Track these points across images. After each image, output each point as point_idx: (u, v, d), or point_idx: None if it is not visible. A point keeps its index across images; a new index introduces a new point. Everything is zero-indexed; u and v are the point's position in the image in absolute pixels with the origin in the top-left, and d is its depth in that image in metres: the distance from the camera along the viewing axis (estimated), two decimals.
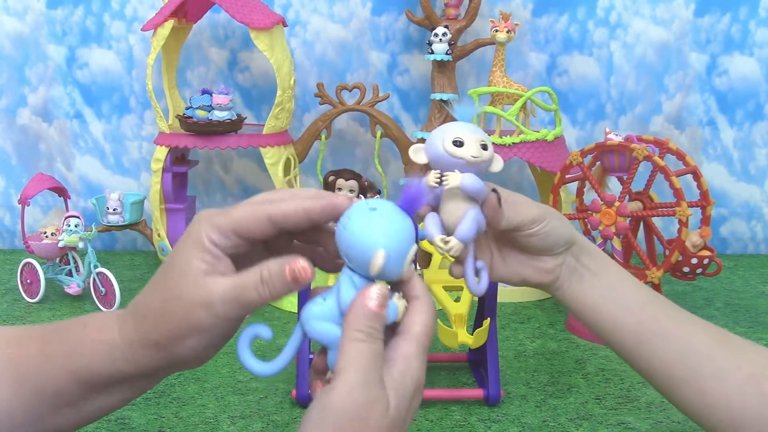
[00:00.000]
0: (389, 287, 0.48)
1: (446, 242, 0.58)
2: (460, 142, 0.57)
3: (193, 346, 0.49)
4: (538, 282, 0.65)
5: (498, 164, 0.60)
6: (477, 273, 0.61)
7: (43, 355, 0.52)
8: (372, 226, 0.46)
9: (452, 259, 0.61)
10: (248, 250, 0.50)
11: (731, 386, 0.60)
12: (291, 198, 0.49)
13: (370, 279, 0.48)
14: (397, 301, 0.48)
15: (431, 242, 0.60)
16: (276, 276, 0.47)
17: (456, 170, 0.58)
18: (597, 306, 0.64)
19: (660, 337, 0.62)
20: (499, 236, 0.65)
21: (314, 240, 0.53)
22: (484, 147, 0.58)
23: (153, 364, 0.51)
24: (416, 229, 0.49)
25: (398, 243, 0.47)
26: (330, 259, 0.53)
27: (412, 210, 0.48)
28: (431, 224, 0.60)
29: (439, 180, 0.58)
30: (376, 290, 0.47)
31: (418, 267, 0.89)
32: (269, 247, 0.53)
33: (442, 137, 0.58)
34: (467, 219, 0.59)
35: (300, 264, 0.47)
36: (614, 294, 0.64)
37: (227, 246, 0.49)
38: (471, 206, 0.59)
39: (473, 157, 0.57)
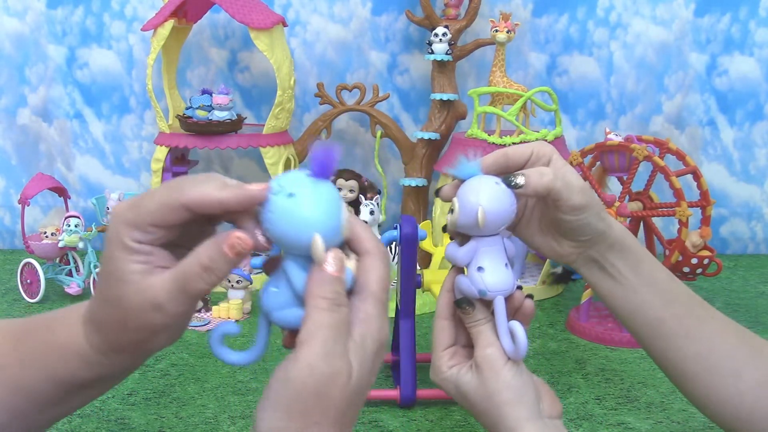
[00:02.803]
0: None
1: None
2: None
3: (159, 343, 0.49)
4: (548, 256, 0.65)
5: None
6: (512, 335, 0.58)
7: (18, 358, 0.52)
8: (297, 216, 0.45)
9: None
10: (180, 233, 0.48)
11: (746, 386, 0.60)
12: (206, 182, 0.46)
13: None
14: (349, 264, 0.47)
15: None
16: (217, 258, 0.45)
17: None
18: (615, 298, 0.64)
19: (679, 336, 0.62)
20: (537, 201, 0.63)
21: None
22: (451, 211, 0.58)
23: (127, 363, 0.51)
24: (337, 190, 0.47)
25: (327, 218, 0.45)
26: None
27: (327, 174, 0.46)
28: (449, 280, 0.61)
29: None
30: (332, 255, 0.46)
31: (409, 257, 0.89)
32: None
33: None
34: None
35: (235, 236, 0.45)
36: (637, 294, 0.63)
37: (152, 239, 0.46)
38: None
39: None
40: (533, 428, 0.56)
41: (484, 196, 0.56)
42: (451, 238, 0.61)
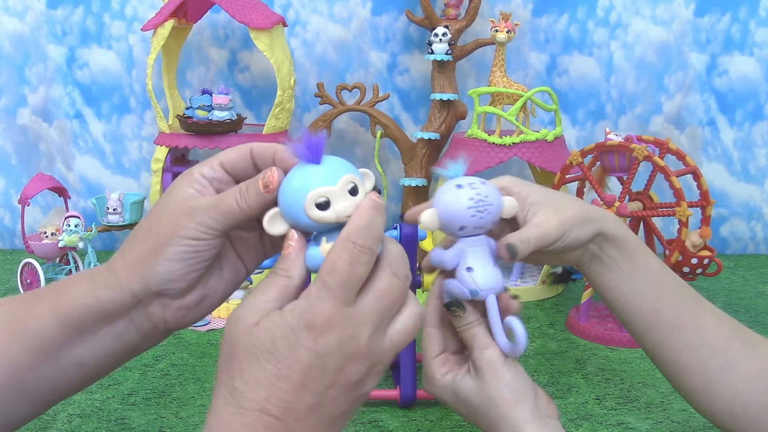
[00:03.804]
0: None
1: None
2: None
3: (172, 257, 0.50)
4: (558, 264, 0.66)
5: (509, 209, 0.59)
6: (509, 332, 0.58)
7: (33, 297, 0.54)
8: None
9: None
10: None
11: (739, 379, 0.60)
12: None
13: (312, 234, 0.48)
14: (322, 247, 0.47)
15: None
16: (252, 186, 0.49)
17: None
18: (611, 289, 0.64)
19: (672, 327, 0.62)
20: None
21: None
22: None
23: (132, 286, 0.51)
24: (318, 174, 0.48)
25: (284, 203, 0.47)
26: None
27: (318, 158, 0.48)
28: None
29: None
30: (288, 235, 0.48)
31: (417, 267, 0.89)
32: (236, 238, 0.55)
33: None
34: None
35: (270, 171, 0.49)
36: (632, 282, 0.63)
37: (214, 178, 0.51)
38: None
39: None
40: (536, 428, 0.56)
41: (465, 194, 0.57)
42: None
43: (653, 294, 0.63)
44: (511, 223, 0.62)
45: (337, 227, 0.47)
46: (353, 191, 0.47)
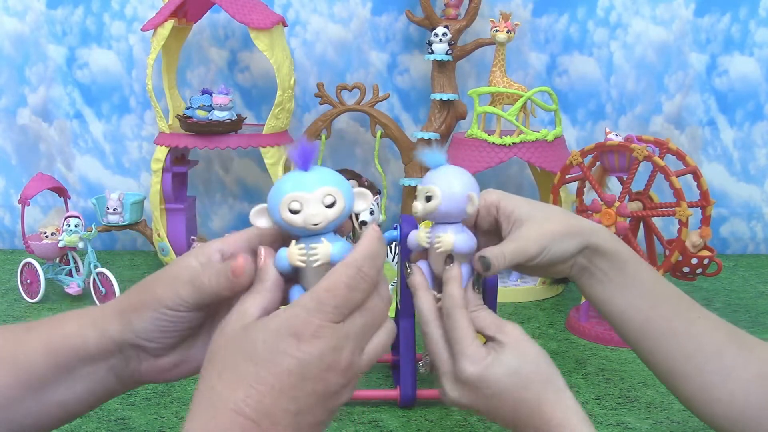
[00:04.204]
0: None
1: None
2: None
3: (147, 319, 0.52)
4: (549, 276, 0.66)
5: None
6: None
7: (25, 330, 0.55)
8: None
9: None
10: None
11: (736, 384, 0.60)
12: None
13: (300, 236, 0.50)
14: (290, 248, 0.49)
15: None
16: (224, 269, 0.50)
17: (449, 231, 0.58)
18: (605, 302, 0.64)
19: (666, 335, 0.62)
20: None
21: None
22: (429, 199, 0.58)
23: (114, 333, 0.53)
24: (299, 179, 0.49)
25: (268, 200, 0.50)
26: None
27: (307, 165, 0.49)
28: (419, 274, 0.60)
29: (430, 241, 0.58)
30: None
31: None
32: None
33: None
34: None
35: (240, 258, 0.50)
36: (624, 293, 0.63)
37: (231, 256, 0.52)
38: (464, 262, 0.59)
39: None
40: (571, 397, 0.57)
41: (469, 181, 0.59)
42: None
43: (646, 305, 0.63)
44: (498, 237, 0.62)
45: (310, 234, 0.49)
46: (331, 204, 0.49)
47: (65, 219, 1.18)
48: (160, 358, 0.54)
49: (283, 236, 0.52)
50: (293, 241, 0.50)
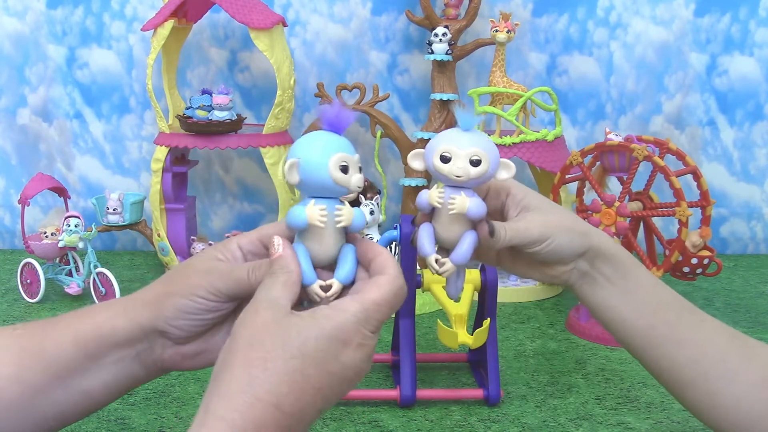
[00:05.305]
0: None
1: (441, 264, 0.58)
2: (447, 157, 0.56)
3: (180, 306, 0.55)
4: (546, 282, 0.66)
5: (506, 172, 0.59)
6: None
7: (50, 323, 0.57)
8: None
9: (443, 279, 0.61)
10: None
11: (741, 389, 0.60)
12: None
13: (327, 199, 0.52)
14: (308, 207, 0.51)
15: (424, 258, 0.59)
16: (263, 265, 0.54)
17: (462, 193, 0.57)
18: (608, 308, 0.64)
19: (671, 342, 0.62)
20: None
21: None
22: (476, 162, 0.56)
23: (144, 321, 0.55)
24: (342, 143, 0.52)
25: (308, 159, 0.51)
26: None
27: (341, 129, 0.52)
28: (425, 237, 0.59)
29: (442, 201, 0.58)
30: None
31: (419, 268, 0.89)
32: None
33: (433, 150, 0.57)
34: (465, 243, 0.58)
35: (276, 243, 0.53)
36: (627, 299, 0.63)
37: (249, 251, 0.56)
38: (470, 228, 0.58)
39: (456, 177, 0.56)
40: None
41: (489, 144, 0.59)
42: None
43: (649, 310, 0.63)
44: (501, 220, 0.63)
45: (330, 195, 0.52)
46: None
47: (65, 219, 1.18)
48: (183, 345, 0.57)
49: (290, 236, 0.54)
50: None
